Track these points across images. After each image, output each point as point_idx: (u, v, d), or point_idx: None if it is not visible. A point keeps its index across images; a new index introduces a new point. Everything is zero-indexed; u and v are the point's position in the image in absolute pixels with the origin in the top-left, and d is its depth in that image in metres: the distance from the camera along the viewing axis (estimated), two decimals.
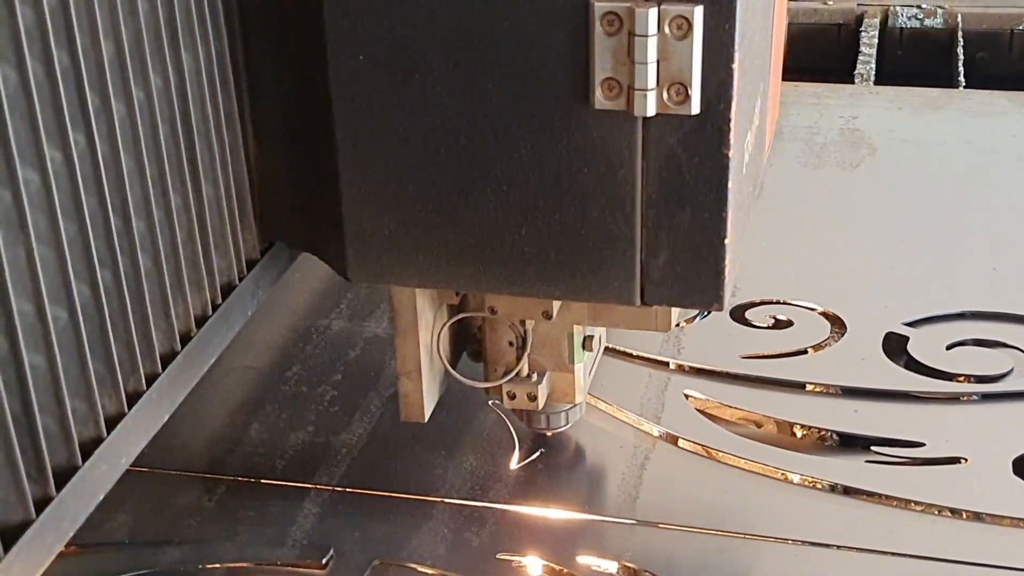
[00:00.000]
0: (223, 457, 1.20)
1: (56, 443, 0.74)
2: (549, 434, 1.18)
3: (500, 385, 1.09)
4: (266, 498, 1.14)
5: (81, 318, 0.75)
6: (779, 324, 1.38)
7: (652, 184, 0.86)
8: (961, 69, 2.26)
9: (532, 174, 0.88)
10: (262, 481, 1.17)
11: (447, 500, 1.13)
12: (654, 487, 1.15)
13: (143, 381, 0.83)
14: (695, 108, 0.82)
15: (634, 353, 1.33)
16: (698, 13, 0.80)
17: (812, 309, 1.40)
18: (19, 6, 0.67)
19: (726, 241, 0.87)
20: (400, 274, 0.94)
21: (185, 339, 0.87)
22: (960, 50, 2.34)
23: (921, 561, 1.05)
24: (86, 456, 0.76)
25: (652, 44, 0.80)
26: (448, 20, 0.85)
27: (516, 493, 1.14)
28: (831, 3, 2.52)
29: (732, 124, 0.83)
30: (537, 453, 1.18)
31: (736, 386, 1.29)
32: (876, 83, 2.21)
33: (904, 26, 2.48)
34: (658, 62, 0.81)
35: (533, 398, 1.09)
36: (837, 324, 1.38)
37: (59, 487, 0.73)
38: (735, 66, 0.82)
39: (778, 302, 1.42)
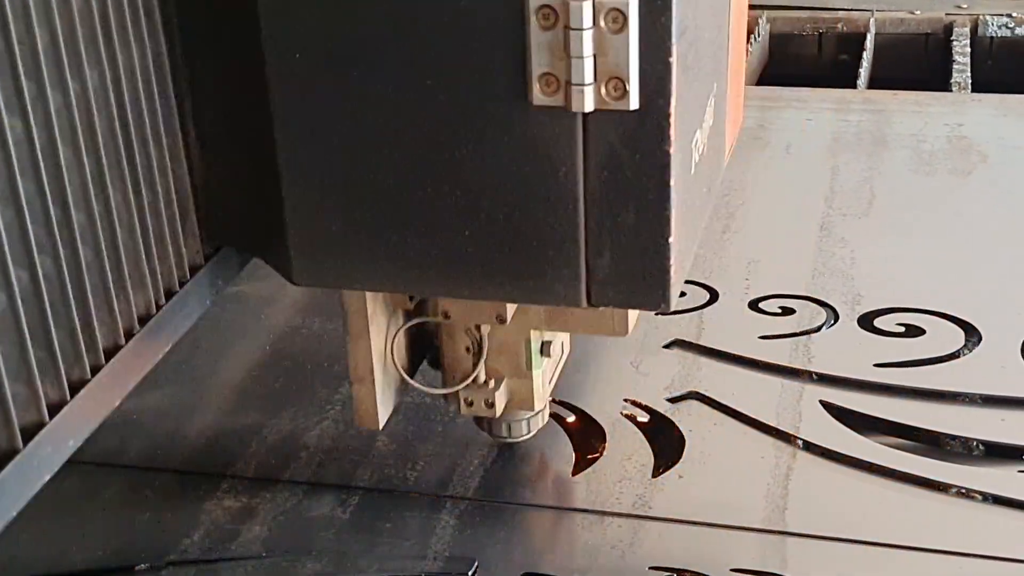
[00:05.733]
0: (352, 469, 1.17)
1: None
2: (511, 442, 1.16)
3: (457, 393, 1.07)
4: (401, 509, 1.12)
5: (20, 303, 0.74)
6: (910, 331, 1.34)
7: (594, 182, 0.84)
8: None
9: (474, 173, 0.85)
10: (395, 492, 1.14)
11: (588, 510, 1.10)
12: (801, 497, 1.11)
13: (87, 371, 0.82)
14: (633, 103, 0.80)
15: (764, 361, 1.29)
16: (633, 6, 0.77)
17: (943, 316, 1.37)
18: None
19: (670, 240, 0.84)
20: (345, 277, 0.92)
21: (128, 334, 0.86)
22: None
23: None
24: (28, 439, 0.76)
25: (588, 38, 0.78)
26: (385, 15, 0.82)
27: (661, 505, 1.11)
28: (918, 13, 2.48)
29: (672, 120, 0.80)
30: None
31: (871, 395, 1.25)
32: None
33: (994, 35, 2.44)
34: (595, 56, 0.78)
35: (490, 405, 1.07)
36: (970, 332, 1.34)
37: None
38: (673, 60, 0.79)
39: (907, 309, 1.38)
